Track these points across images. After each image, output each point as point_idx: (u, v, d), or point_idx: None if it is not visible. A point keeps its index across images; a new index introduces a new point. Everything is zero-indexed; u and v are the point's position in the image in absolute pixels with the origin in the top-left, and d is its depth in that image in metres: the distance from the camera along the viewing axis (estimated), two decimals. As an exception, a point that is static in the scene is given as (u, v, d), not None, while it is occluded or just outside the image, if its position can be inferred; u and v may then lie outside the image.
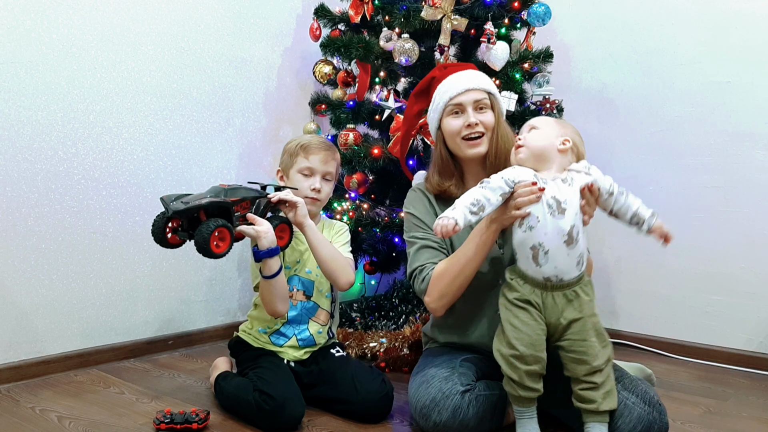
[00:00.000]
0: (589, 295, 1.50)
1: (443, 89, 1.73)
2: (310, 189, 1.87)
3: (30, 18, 2.06)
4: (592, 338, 1.47)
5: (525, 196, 1.45)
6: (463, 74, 1.74)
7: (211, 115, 2.55)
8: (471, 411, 1.53)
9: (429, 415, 1.54)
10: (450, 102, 1.70)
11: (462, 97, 1.69)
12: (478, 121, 1.68)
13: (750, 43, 2.34)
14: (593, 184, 1.47)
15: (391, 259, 2.52)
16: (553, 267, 1.45)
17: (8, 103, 2.02)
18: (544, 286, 1.48)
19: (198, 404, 1.85)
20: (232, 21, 2.60)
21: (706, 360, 2.42)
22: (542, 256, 1.44)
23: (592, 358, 1.45)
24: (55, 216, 2.14)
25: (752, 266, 2.36)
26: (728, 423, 1.80)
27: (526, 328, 1.46)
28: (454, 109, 1.70)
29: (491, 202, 1.46)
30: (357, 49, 2.35)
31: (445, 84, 1.74)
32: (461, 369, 1.61)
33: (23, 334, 2.08)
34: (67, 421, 1.72)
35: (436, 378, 1.59)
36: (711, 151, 2.44)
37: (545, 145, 1.52)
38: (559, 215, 1.44)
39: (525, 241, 1.47)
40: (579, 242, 1.46)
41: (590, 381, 1.45)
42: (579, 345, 1.46)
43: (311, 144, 1.90)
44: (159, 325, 2.43)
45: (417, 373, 1.70)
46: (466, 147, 1.70)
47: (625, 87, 2.64)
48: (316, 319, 1.92)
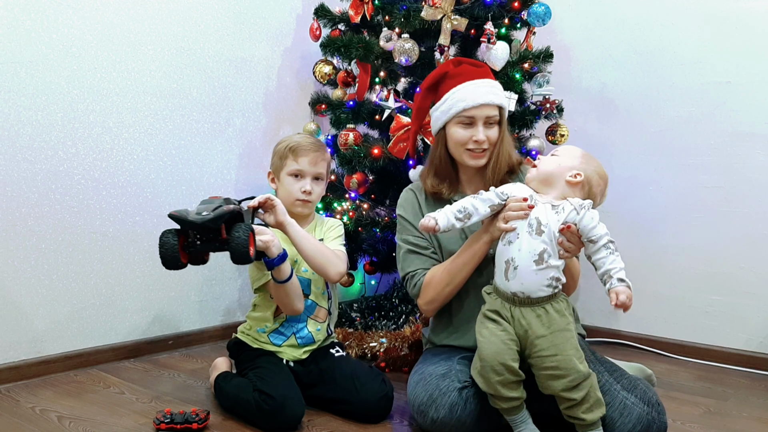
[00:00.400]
0: (560, 312, 1.48)
1: (458, 96, 1.69)
2: (300, 191, 1.86)
3: (30, 18, 2.06)
4: (567, 352, 1.44)
5: (514, 210, 1.49)
6: (481, 85, 1.70)
7: (211, 115, 2.55)
8: (468, 408, 1.54)
9: (426, 411, 1.55)
10: (462, 113, 1.68)
11: (475, 111, 1.68)
12: (484, 138, 1.69)
13: (750, 43, 2.34)
14: (570, 225, 1.45)
15: (391, 259, 2.52)
16: (520, 284, 1.47)
17: (8, 103, 2.02)
18: (512, 300, 1.50)
19: (198, 404, 1.85)
20: (232, 21, 2.60)
21: (706, 360, 2.42)
22: (512, 271, 1.48)
23: (568, 371, 1.42)
24: (55, 216, 2.14)
25: (752, 266, 2.36)
26: (728, 423, 1.80)
27: (493, 338, 1.48)
28: (465, 120, 1.69)
29: (479, 212, 1.52)
30: (357, 49, 2.34)
31: (461, 91, 1.69)
32: (458, 367, 1.62)
33: (23, 334, 2.08)
34: (67, 421, 1.72)
35: (434, 376, 1.60)
36: (711, 151, 2.44)
37: (554, 171, 1.53)
38: (536, 235, 1.47)
39: (501, 254, 1.52)
40: (550, 266, 1.46)
41: (570, 398, 1.43)
42: (550, 360, 1.44)
43: (300, 145, 1.87)
44: (159, 326, 2.43)
45: (415, 371, 1.71)
46: (468, 158, 1.72)
47: (625, 87, 2.64)
48: (315, 317, 1.92)
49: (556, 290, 1.49)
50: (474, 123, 1.69)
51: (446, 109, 1.71)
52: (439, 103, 1.74)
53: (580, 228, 1.45)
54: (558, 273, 1.48)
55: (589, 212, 1.46)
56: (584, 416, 1.43)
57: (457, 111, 1.69)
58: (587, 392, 1.43)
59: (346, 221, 2.33)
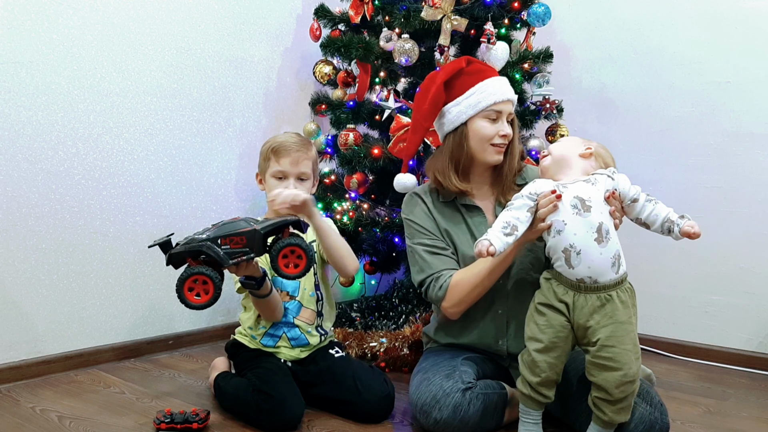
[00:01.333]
0: (624, 303, 1.45)
1: (488, 90, 1.69)
2: None
3: (30, 18, 2.06)
4: (624, 345, 1.41)
5: (545, 206, 1.46)
6: (504, 82, 1.74)
7: (211, 115, 2.55)
8: (471, 409, 1.54)
9: (430, 412, 1.54)
10: (491, 106, 1.69)
11: (503, 105, 1.70)
12: (510, 132, 1.72)
13: (750, 43, 2.34)
14: (615, 190, 1.46)
15: (391, 259, 2.52)
16: (587, 267, 1.42)
17: (8, 103, 2.02)
18: (578, 287, 1.44)
19: (198, 404, 1.85)
20: (232, 21, 2.60)
21: (705, 360, 2.42)
22: (574, 257, 1.42)
23: (621, 365, 1.40)
24: (56, 216, 2.15)
25: (752, 266, 2.36)
26: (728, 423, 1.81)
27: (543, 336, 1.46)
28: (492, 114, 1.70)
29: (521, 220, 1.47)
30: (357, 50, 2.35)
31: (489, 85, 1.70)
32: (462, 368, 1.62)
33: (23, 334, 2.08)
34: (67, 421, 1.72)
35: (438, 376, 1.59)
36: (711, 151, 2.44)
37: (566, 151, 1.56)
38: (585, 213, 1.43)
39: (556, 245, 1.45)
40: (611, 240, 1.43)
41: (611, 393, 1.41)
42: (607, 351, 1.41)
43: (282, 146, 1.85)
44: (159, 326, 2.43)
45: (418, 371, 1.70)
46: (492, 152, 1.72)
47: (625, 87, 2.64)
48: (301, 318, 1.91)
49: (621, 274, 1.45)
50: (500, 117, 1.71)
51: (474, 104, 1.69)
52: (462, 97, 1.71)
53: (621, 192, 1.47)
54: (619, 248, 1.45)
55: (620, 175, 1.49)
56: (611, 415, 1.42)
57: (487, 104, 1.69)
58: (628, 394, 1.42)
59: (346, 221, 2.33)
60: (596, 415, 1.45)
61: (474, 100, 1.69)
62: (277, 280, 1.89)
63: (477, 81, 1.70)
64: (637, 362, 1.43)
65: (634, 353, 1.43)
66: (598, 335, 1.42)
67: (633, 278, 1.46)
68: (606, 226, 1.43)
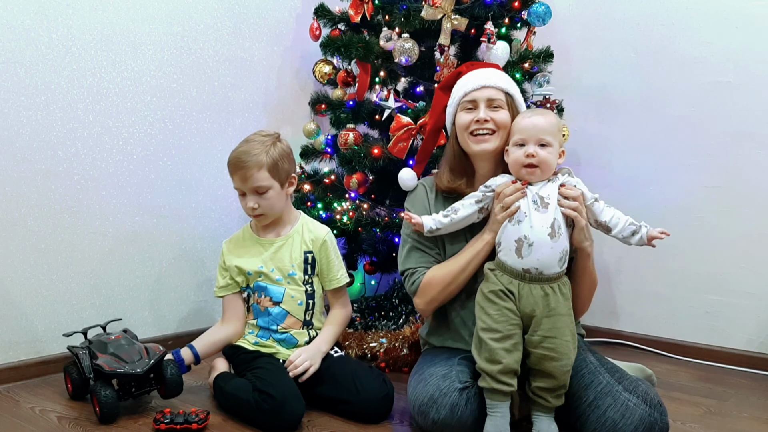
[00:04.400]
0: (565, 296, 1.55)
1: (460, 84, 1.73)
2: (247, 209, 1.88)
3: (30, 18, 2.05)
4: (565, 337, 1.50)
5: (510, 193, 1.55)
6: (483, 71, 1.73)
7: (211, 115, 2.55)
8: (468, 408, 1.54)
9: (427, 412, 1.54)
10: (464, 98, 1.70)
11: (476, 93, 1.68)
12: (488, 118, 1.65)
13: (750, 43, 2.34)
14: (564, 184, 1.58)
15: (391, 259, 2.52)
16: (536, 259, 1.50)
17: (8, 103, 2.02)
18: (523, 277, 1.52)
19: (198, 404, 1.84)
20: (232, 21, 2.60)
21: (706, 360, 2.42)
22: (526, 248, 1.51)
23: (562, 355, 1.49)
24: (55, 216, 2.14)
25: (753, 266, 2.35)
26: (729, 423, 1.80)
27: (499, 325, 1.51)
28: (467, 105, 1.70)
29: (464, 205, 1.61)
30: (357, 49, 2.34)
31: (463, 79, 1.74)
32: (459, 367, 1.62)
33: (23, 334, 2.08)
34: (66, 422, 1.71)
35: (434, 376, 1.59)
36: (711, 151, 2.44)
37: (554, 164, 1.59)
38: (543, 209, 1.53)
39: (511, 234, 1.54)
40: (562, 237, 1.52)
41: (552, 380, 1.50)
42: (549, 342, 1.49)
43: (231, 162, 1.86)
44: (159, 326, 2.43)
45: (415, 372, 1.70)
46: (472, 142, 1.68)
47: (625, 87, 2.64)
48: (285, 326, 1.91)
49: (563, 269, 1.54)
50: (477, 106, 1.68)
51: (452, 101, 1.75)
52: (449, 100, 1.77)
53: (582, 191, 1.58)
54: (567, 245, 1.54)
55: (578, 179, 1.61)
56: (551, 400, 1.51)
57: (460, 97, 1.71)
58: (566, 381, 1.50)
59: (346, 221, 2.32)
60: (540, 403, 1.52)
61: (453, 98, 1.75)
62: (262, 285, 1.90)
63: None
64: (574, 351, 1.52)
65: (572, 343, 1.52)
66: (541, 326, 1.50)
67: (633, 278, 1.48)
68: (559, 222, 1.53)
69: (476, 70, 1.75)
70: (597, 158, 2.68)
